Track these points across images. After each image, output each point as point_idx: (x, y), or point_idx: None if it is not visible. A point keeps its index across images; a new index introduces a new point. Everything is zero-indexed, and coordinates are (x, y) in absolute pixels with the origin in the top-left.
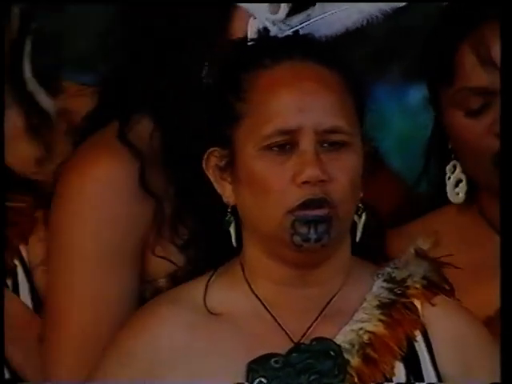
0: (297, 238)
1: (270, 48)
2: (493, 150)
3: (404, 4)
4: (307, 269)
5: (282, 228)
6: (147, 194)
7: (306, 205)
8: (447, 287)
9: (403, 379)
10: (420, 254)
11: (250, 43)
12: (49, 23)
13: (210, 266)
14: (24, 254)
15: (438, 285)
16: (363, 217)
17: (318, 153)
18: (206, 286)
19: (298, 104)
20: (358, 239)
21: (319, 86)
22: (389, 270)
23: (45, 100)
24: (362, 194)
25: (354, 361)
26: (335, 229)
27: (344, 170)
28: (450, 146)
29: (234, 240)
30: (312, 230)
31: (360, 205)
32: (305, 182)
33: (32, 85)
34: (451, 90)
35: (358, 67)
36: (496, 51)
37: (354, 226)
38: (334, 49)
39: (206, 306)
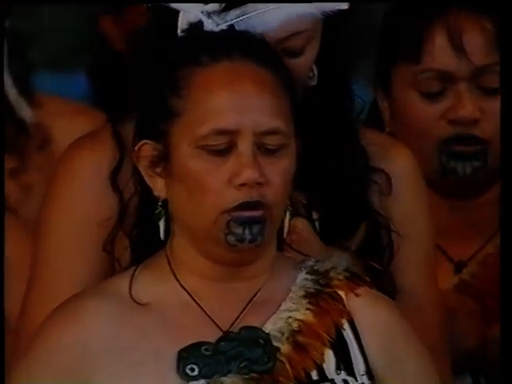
0: (231, 238)
1: (206, 45)
2: (441, 135)
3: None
4: (237, 266)
5: (216, 227)
6: (112, 186)
7: (242, 207)
8: (368, 279)
9: (333, 365)
10: (342, 248)
11: (182, 35)
12: (23, 24)
13: (137, 259)
14: None
15: (360, 276)
16: (287, 214)
17: (255, 155)
18: (131, 279)
19: (236, 105)
20: (284, 236)
21: (258, 87)
22: (311, 263)
23: (25, 111)
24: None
25: (284, 348)
26: (268, 229)
27: (279, 172)
28: (386, 131)
29: (162, 234)
30: (247, 231)
31: (288, 202)
32: (242, 184)
33: (13, 95)
34: (414, 68)
35: None
36: (467, 38)
37: None
38: (272, 48)
39: (132, 298)
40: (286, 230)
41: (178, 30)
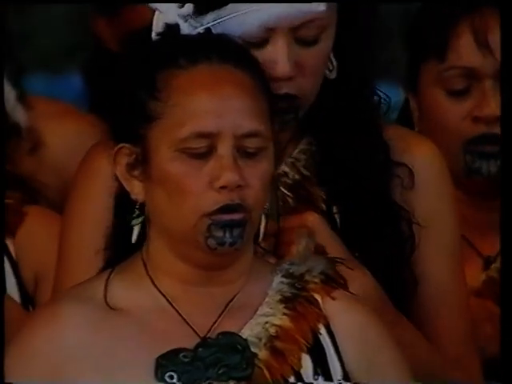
0: (212, 242)
1: (184, 47)
2: (467, 135)
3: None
4: (215, 270)
5: (196, 230)
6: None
7: (223, 210)
8: (343, 282)
9: (310, 371)
10: (317, 251)
11: (157, 38)
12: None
13: (110, 262)
14: (11, 248)
15: (335, 279)
16: (263, 218)
17: (235, 158)
18: (106, 283)
19: (216, 108)
20: (260, 239)
21: (237, 90)
22: (286, 266)
23: (19, 114)
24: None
25: (262, 354)
26: (248, 233)
27: (259, 175)
28: (416, 130)
29: (135, 237)
30: (228, 234)
31: (265, 206)
32: (222, 187)
33: (11, 98)
34: (440, 66)
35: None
36: (493, 36)
37: None
38: (248, 51)
39: (106, 303)
40: (261, 234)
41: (153, 33)
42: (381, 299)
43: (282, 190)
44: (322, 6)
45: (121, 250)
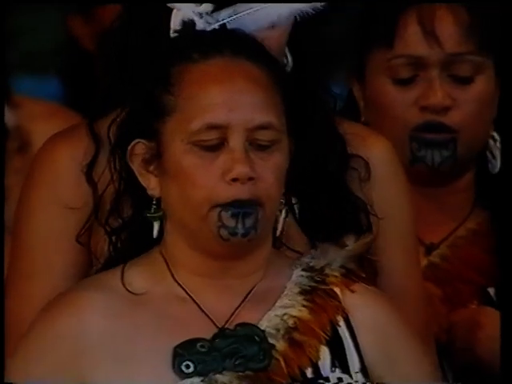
0: (224, 232)
1: (198, 42)
2: (412, 123)
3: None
4: (231, 261)
5: (208, 221)
6: (87, 179)
7: (234, 204)
8: (363, 275)
9: (328, 363)
10: (338, 244)
11: (174, 35)
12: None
13: (127, 256)
14: None
15: (355, 273)
16: (283, 212)
17: (247, 150)
18: (122, 275)
19: (227, 101)
20: (278, 234)
21: (249, 83)
22: (306, 260)
23: (6, 114)
24: (284, 190)
25: (280, 345)
26: (262, 225)
27: (272, 169)
28: (362, 119)
29: (155, 232)
30: (240, 225)
31: (282, 200)
32: (234, 180)
33: None
34: (387, 55)
35: None
36: (440, 25)
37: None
38: (262, 45)
39: (126, 289)
40: (279, 228)
41: (171, 30)
42: None
43: None
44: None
45: (138, 245)
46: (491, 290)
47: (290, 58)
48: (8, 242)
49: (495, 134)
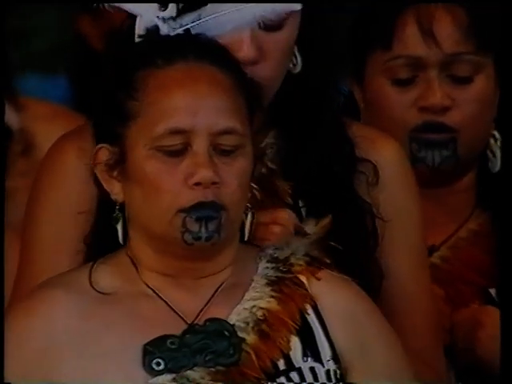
0: (188, 237)
1: (162, 47)
2: (411, 123)
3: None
4: (196, 263)
5: (172, 226)
6: (94, 180)
7: (198, 207)
8: (328, 261)
9: (300, 353)
10: (299, 233)
11: (138, 40)
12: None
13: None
14: None
15: (320, 260)
16: (249, 216)
17: (210, 155)
18: (90, 272)
19: (191, 105)
20: (246, 238)
21: (213, 88)
22: (270, 251)
23: (10, 116)
24: (250, 195)
25: (250, 338)
26: (225, 229)
27: (235, 174)
28: (361, 121)
29: (120, 237)
30: (203, 229)
31: (248, 204)
32: (197, 184)
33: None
34: (386, 56)
35: None
36: (438, 26)
37: None
38: (226, 50)
39: (93, 288)
40: (247, 232)
41: (136, 36)
42: None
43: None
44: (297, 6)
45: (104, 248)
46: (493, 291)
47: (299, 59)
48: (8, 242)
49: (496, 133)
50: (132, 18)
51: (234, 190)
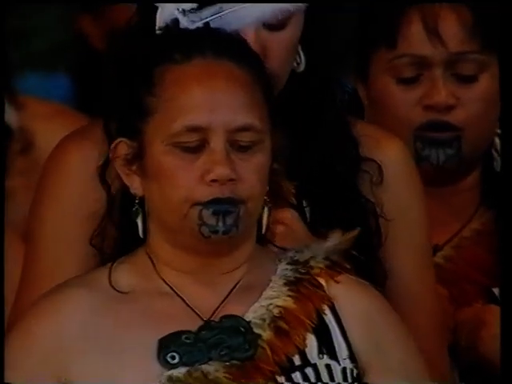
0: (205, 229)
1: (180, 42)
2: (416, 122)
3: None
4: (214, 258)
5: (188, 219)
6: (100, 180)
7: (214, 202)
8: (348, 266)
9: (315, 350)
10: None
11: (158, 33)
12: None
13: (118, 256)
14: None
15: (340, 264)
16: (266, 210)
17: (228, 152)
18: (110, 271)
19: (208, 102)
20: (263, 231)
21: (231, 84)
22: (290, 254)
23: (10, 115)
24: (267, 188)
25: (266, 334)
26: (243, 222)
27: (254, 169)
28: (365, 119)
29: (140, 231)
30: (220, 223)
31: (265, 198)
32: (213, 181)
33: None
34: (390, 54)
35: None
36: (443, 24)
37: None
38: (246, 45)
39: (112, 286)
40: (264, 226)
41: (156, 28)
42: None
43: None
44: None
45: (128, 244)
46: (496, 291)
47: (303, 57)
48: (8, 241)
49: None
50: (139, 14)
51: (253, 186)
